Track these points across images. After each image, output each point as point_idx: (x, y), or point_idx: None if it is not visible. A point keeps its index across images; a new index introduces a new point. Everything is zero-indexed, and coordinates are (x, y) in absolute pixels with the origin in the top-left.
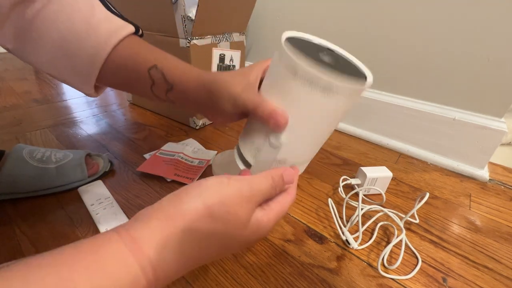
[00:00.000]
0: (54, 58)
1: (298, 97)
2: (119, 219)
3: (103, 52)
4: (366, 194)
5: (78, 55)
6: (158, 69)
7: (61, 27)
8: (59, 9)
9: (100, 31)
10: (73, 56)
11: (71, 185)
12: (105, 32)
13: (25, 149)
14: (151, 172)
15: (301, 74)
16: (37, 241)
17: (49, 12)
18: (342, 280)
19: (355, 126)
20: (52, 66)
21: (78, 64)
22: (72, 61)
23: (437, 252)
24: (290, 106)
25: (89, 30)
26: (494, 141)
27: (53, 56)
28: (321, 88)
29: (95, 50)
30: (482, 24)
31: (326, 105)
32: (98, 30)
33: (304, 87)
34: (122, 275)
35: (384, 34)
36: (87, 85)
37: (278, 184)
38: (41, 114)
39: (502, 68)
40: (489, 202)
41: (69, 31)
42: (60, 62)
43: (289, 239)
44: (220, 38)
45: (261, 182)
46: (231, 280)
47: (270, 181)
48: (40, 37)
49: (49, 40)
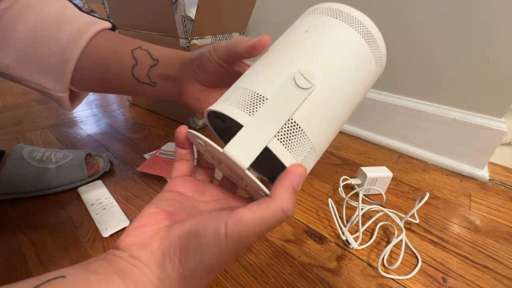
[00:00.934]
0: (23, 56)
1: (338, 30)
2: (119, 219)
3: (78, 44)
4: (366, 194)
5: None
6: (142, 49)
7: (30, 24)
8: (28, 6)
9: (73, 25)
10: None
11: (71, 185)
12: (79, 25)
13: (25, 149)
14: (151, 172)
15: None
16: (37, 241)
17: (17, 9)
18: (342, 280)
19: (355, 126)
20: (20, 66)
21: (50, 60)
22: (44, 58)
23: (437, 252)
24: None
25: (61, 25)
26: (494, 141)
27: (21, 53)
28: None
29: (68, 43)
30: (482, 24)
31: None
32: (71, 24)
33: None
34: None
35: (384, 34)
36: (60, 83)
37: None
38: (41, 114)
39: (502, 68)
40: (489, 202)
41: (38, 27)
42: (30, 60)
43: (289, 239)
44: (220, 38)
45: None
46: (231, 280)
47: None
48: (6, 35)
49: (17, 37)
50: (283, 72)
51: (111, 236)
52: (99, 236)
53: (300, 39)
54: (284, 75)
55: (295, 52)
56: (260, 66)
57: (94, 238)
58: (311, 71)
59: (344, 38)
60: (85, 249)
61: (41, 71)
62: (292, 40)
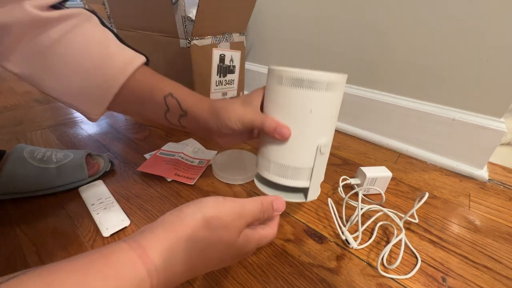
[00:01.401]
0: (69, 84)
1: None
2: (120, 218)
3: (120, 79)
4: (365, 194)
5: (94, 81)
6: (173, 97)
7: (78, 56)
8: (77, 40)
9: (116, 60)
10: (89, 82)
11: (71, 185)
12: (121, 61)
13: (25, 149)
14: (151, 172)
15: (286, 79)
16: (38, 241)
17: (66, 42)
18: (342, 279)
19: (354, 126)
20: (65, 92)
21: (93, 90)
22: (88, 88)
23: (436, 251)
24: (288, 114)
25: (105, 58)
26: (493, 141)
27: (68, 82)
28: (307, 83)
29: (111, 77)
30: (482, 24)
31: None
32: (114, 59)
33: (291, 89)
34: (131, 278)
35: (384, 34)
36: (98, 110)
37: (267, 209)
38: (42, 114)
39: (501, 68)
40: (488, 202)
41: (85, 60)
42: (75, 89)
43: (289, 239)
44: (220, 39)
45: (252, 205)
46: (231, 280)
47: (259, 205)
48: (55, 64)
49: (66, 67)
50: (312, 149)
51: (111, 235)
52: (100, 235)
53: (310, 120)
54: (313, 151)
55: (314, 132)
56: (293, 146)
57: (94, 237)
58: (325, 142)
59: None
60: (86, 249)
61: (80, 98)
62: (304, 120)
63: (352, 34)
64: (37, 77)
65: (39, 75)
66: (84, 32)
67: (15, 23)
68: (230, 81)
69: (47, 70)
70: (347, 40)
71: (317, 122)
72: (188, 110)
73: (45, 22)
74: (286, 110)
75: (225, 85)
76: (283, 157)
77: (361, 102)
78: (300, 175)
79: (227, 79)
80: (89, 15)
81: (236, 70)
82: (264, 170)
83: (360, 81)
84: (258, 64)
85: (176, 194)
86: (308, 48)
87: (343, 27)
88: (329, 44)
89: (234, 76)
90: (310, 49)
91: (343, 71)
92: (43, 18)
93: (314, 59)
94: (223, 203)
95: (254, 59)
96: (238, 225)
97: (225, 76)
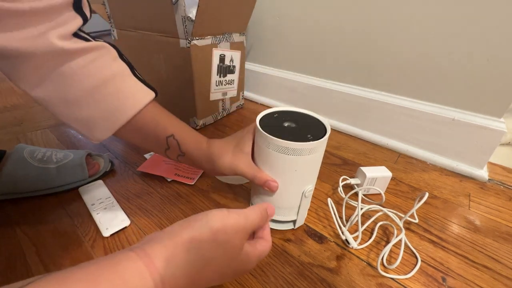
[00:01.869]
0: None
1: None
2: (120, 218)
3: (128, 115)
4: (365, 194)
5: (103, 113)
6: (175, 139)
7: (93, 88)
8: (94, 73)
9: (127, 96)
10: (98, 113)
11: (71, 185)
12: (131, 97)
13: (26, 149)
14: (151, 172)
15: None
16: (38, 241)
17: (84, 73)
18: (342, 279)
19: (354, 126)
20: (73, 119)
21: (101, 120)
22: (96, 118)
23: (436, 251)
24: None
25: (118, 93)
26: (493, 141)
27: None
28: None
29: (120, 111)
30: (482, 24)
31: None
32: (126, 95)
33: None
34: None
35: (384, 34)
36: (101, 137)
37: (264, 216)
38: (42, 114)
39: (501, 68)
40: (488, 202)
41: (99, 93)
42: (84, 117)
43: (289, 239)
44: (220, 39)
45: (253, 215)
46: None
47: (259, 214)
48: (70, 93)
49: (79, 97)
50: (298, 195)
51: (111, 235)
52: (100, 235)
53: (295, 177)
54: (299, 196)
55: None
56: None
57: (95, 237)
58: (310, 188)
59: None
60: (86, 249)
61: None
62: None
63: (352, 34)
64: (49, 101)
65: (52, 100)
66: (102, 65)
67: (37, 53)
68: (230, 81)
69: (61, 97)
70: (347, 40)
71: (302, 177)
72: (186, 152)
73: (68, 54)
74: (274, 168)
75: (225, 85)
76: (274, 201)
77: (361, 102)
78: (289, 213)
79: (227, 79)
80: (108, 49)
81: (236, 70)
82: None
83: (360, 81)
84: (258, 64)
85: (176, 194)
86: (308, 48)
87: (343, 27)
88: (329, 44)
89: (234, 76)
90: (310, 49)
91: (343, 71)
92: (66, 50)
93: (314, 59)
94: (228, 216)
95: (254, 59)
96: (241, 238)
97: (225, 76)
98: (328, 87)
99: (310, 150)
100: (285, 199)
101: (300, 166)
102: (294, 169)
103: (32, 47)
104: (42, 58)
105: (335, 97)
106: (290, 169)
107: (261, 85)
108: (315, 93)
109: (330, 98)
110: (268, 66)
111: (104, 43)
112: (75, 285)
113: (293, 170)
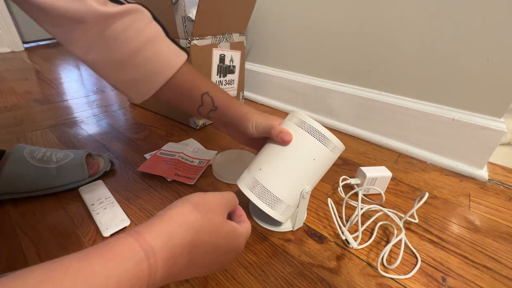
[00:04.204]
0: (125, 75)
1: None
2: (120, 218)
3: (166, 75)
4: (365, 194)
5: (145, 75)
6: (209, 96)
7: (134, 51)
8: (134, 36)
9: (164, 57)
10: (141, 76)
11: (71, 185)
12: (168, 58)
13: (26, 149)
14: (151, 172)
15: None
16: (38, 241)
17: (126, 37)
18: (342, 279)
19: (355, 126)
20: (119, 81)
21: (142, 82)
22: (138, 80)
23: (436, 251)
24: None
25: (156, 55)
26: (493, 141)
27: (124, 73)
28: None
29: (159, 73)
30: (482, 24)
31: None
32: (163, 56)
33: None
34: (129, 258)
35: (384, 34)
36: (143, 97)
37: (235, 197)
38: (42, 114)
39: (501, 68)
40: (488, 202)
41: (139, 55)
42: (128, 79)
43: (289, 239)
44: (220, 39)
45: (227, 193)
46: (231, 280)
47: (232, 193)
48: (115, 56)
49: (123, 60)
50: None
51: (111, 235)
52: (100, 235)
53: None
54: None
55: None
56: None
57: (95, 237)
58: (308, 189)
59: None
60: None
61: (131, 87)
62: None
63: (352, 34)
64: (98, 64)
65: (100, 63)
66: (139, 29)
67: (86, 17)
68: (230, 81)
69: (106, 61)
70: (347, 40)
71: (314, 170)
72: (219, 106)
73: (108, 17)
74: (296, 148)
75: (225, 85)
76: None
77: (361, 102)
78: (277, 206)
79: (227, 79)
80: (143, 12)
81: (236, 70)
82: (247, 188)
83: (360, 81)
84: (258, 64)
85: (176, 194)
86: (308, 48)
87: (343, 27)
88: (329, 44)
89: (234, 76)
90: (310, 49)
91: (343, 71)
92: (106, 13)
93: (314, 59)
94: (205, 194)
95: (254, 59)
96: (222, 208)
97: (225, 76)
98: (328, 87)
99: (334, 147)
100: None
101: (319, 156)
102: (313, 158)
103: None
104: (90, 23)
105: (335, 97)
106: (310, 154)
107: (261, 85)
108: (315, 93)
109: (330, 98)
110: (268, 66)
111: (137, 5)
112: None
113: (312, 159)
